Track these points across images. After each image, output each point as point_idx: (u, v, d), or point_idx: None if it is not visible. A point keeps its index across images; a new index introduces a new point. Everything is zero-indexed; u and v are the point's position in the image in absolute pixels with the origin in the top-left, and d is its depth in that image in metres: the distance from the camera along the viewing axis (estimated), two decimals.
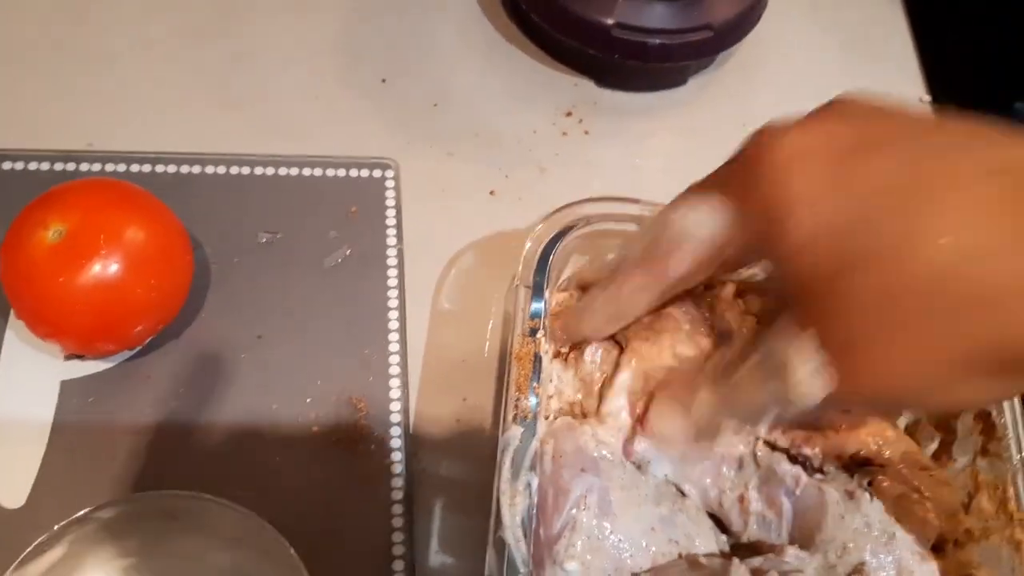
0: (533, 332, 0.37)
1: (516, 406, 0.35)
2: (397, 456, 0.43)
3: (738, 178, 0.30)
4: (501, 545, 0.33)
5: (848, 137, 0.28)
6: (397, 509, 0.42)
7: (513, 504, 0.33)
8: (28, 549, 0.34)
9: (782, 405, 0.30)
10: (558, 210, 0.40)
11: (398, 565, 0.40)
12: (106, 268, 0.38)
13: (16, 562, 0.34)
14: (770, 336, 0.30)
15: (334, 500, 0.41)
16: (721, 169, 0.32)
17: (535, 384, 0.36)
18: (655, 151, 0.55)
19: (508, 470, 0.34)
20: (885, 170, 0.27)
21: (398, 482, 0.42)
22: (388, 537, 0.41)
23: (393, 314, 0.46)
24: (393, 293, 0.47)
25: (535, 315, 0.37)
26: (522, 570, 0.32)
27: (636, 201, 0.40)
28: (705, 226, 0.32)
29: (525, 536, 0.33)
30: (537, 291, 0.37)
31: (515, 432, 0.35)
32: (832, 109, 0.30)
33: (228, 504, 0.36)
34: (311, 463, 0.42)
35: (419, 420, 0.44)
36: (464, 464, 0.43)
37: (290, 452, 0.42)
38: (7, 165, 0.47)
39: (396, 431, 0.43)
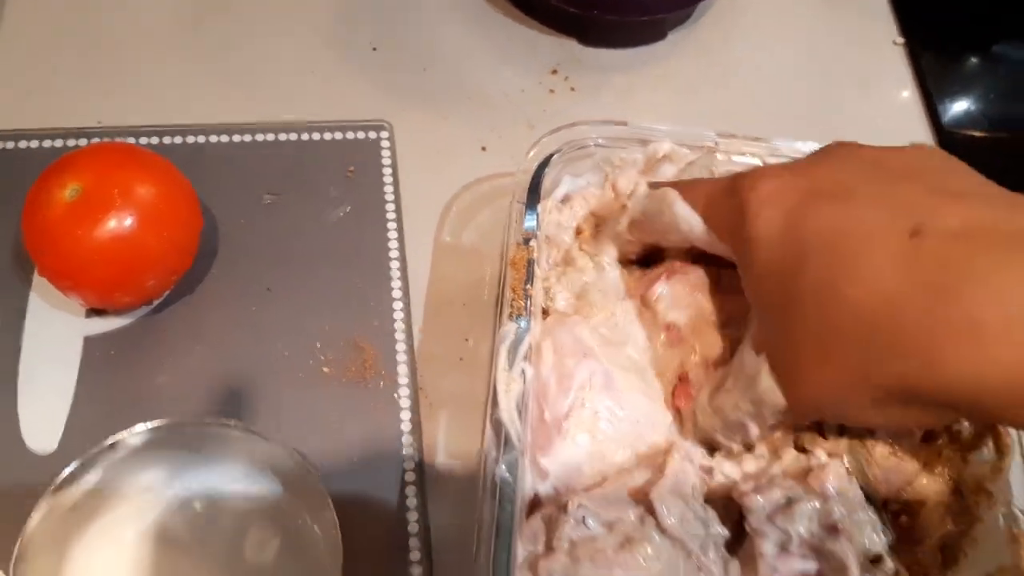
0: (526, 241, 0.39)
1: (511, 305, 0.38)
2: (405, 392, 0.45)
3: (724, 206, 0.35)
4: (498, 425, 0.36)
5: (816, 184, 0.33)
6: (407, 439, 0.44)
7: (509, 390, 0.36)
8: (63, 474, 0.36)
9: (758, 410, 0.34)
10: (550, 132, 0.43)
11: (409, 477, 0.43)
12: (121, 222, 0.40)
13: (51, 487, 0.36)
14: (742, 346, 0.35)
15: (347, 432, 0.44)
16: (714, 187, 0.37)
17: (528, 287, 0.38)
18: (639, 104, 0.58)
19: (504, 359, 0.37)
20: (832, 217, 0.31)
21: (406, 415, 0.44)
22: (400, 460, 0.43)
23: (395, 263, 0.49)
24: (393, 244, 0.49)
25: (528, 227, 0.40)
26: (516, 445, 0.35)
27: (623, 123, 0.43)
28: (695, 230, 0.37)
29: (519, 417, 0.35)
30: (531, 205, 0.40)
31: (510, 327, 0.37)
32: (818, 155, 0.35)
33: (256, 433, 0.38)
34: (323, 400, 0.44)
35: (423, 360, 0.46)
36: (467, 394, 0.45)
37: (303, 391, 0.44)
38: (23, 143, 0.50)
39: (403, 369, 0.46)
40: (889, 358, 0.29)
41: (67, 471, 0.37)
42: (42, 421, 0.43)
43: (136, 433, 0.38)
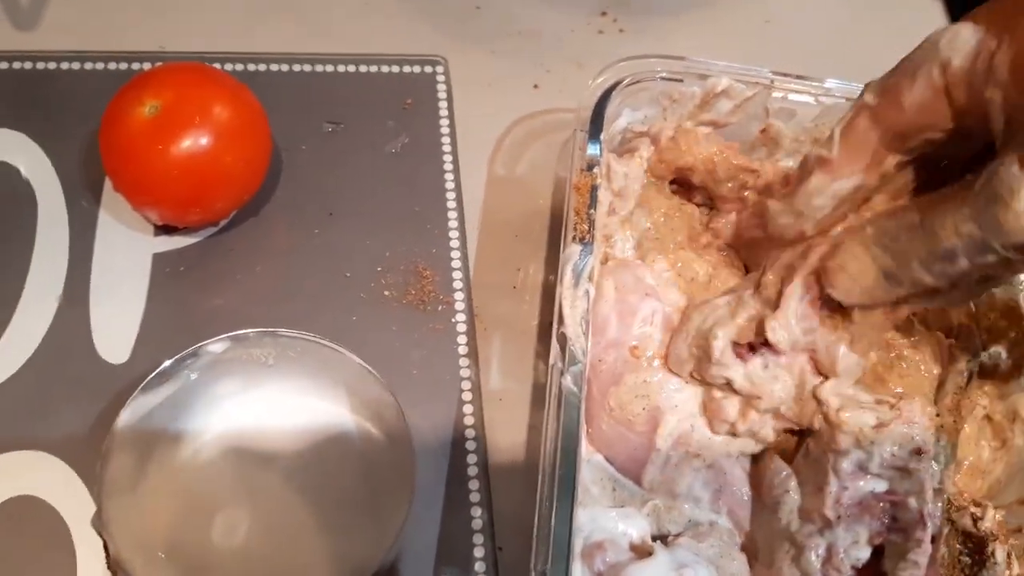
0: (590, 167, 0.41)
1: (575, 228, 0.39)
2: (461, 316, 0.47)
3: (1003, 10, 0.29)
4: (563, 339, 0.37)
5: None
6: (464, 362, 0.45)
7: (574, 306, 0.37)
8: (149, 376, 0.38)
9: (990, 239, 0.29)
10: (612, 63, 0.44)
11: (467, 396, 0.45)
12: (198, 139, 0.42)
13: (138, 388, 0.38)
14: (997, 160, 0.29)
15: (406, 352, 0.45)
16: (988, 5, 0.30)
17: (592, 211, 0.40)
18: (684, 46, 0.58)
19: (570, 278, 0.38)
20: None
21: (462, 339, 0.46)
22: (457, 380, 0.45)
23: (451, 194, 0.50)
24: (449, 175, 0.51)
25: (592, 154, 0.41)
26: (580, 358, 0.36)
27: (682, 59, 0.44)
28: (965, 45, 0.29)
29: (584, 332, 0.37)
30: (594, 135, 0.41)
31: (575, 249, 0.39)
32: None
33: (337, 348, 0.40)
34: (384, 322, 0.46)
35: (478, 286, 0.48)
36: (520, 322, 0.47)
37: (366, 311, 0.46)
38: (88, 65, 0.51)
39: (459, 295, 0.47)
40: None
41: (154, 373, 0.38)
42: (114, 333, 0.44)
43: (216, 341, 0.39)
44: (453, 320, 0.47)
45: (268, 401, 0.41)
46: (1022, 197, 0.27)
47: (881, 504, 0.36)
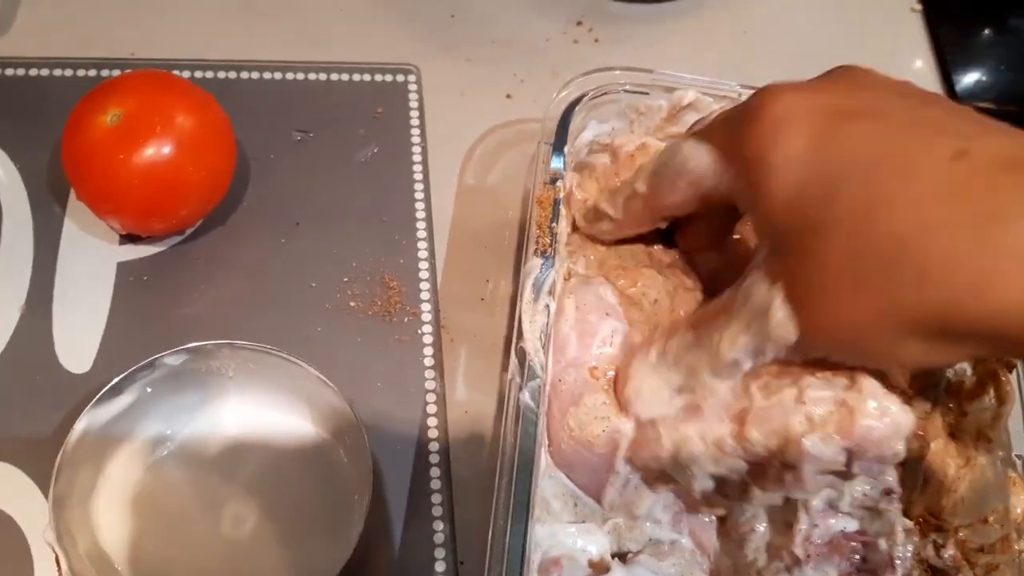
0: (553, 180, 0.40)
1: (537, 242, 0.39)
2: (428, 328, 0.46)
3: (737, 129, 0.32)
4: (522, 354, 0.37)
5: (840, 103, 0.30)
6: (429, 374, 0.45)
7: (533, 321, 0.37)
8: (103, 390, 0.38)
9: (762, 344, 0.32)
10: (579, 76, 0.44)
11: (431, 408, 0.44)
12: (160, 148, 0.41)
13: (92, 402, 0.38)
14: (749, 279, 0.33)
15: (371, 364, 0.45)
16: (727, 114, 0.34)
17: (553, 224, 0.39)
18: (661, 57, 0.58)
19: (529, 292, 0.38)
20: (865, 140, 0.29)
21: (428, 351, 0.46)
22: (422, 392, 0.45)
23: (420, 204, 0.50)
24: (419, 185, 0.50)
25: (555, 168, 0.41)
26: (539, 374, 0.36)
27: (649, 71, 0.44)
28: (702, 160, 0.34)
29: (543, 347, 0.37)
30: (558, 147, 0.41)
31: (535, 263, 0.39)
32: (832, 76, 0.33)
33: (293, 360, 0.40)
34: (349, 333, 0.46)
35: (446, 298, 0.48)
36: (488, 334, 0.47)
37: (331, 322, 0.46)
38: (57, 72, 0.51)
39: (426, 306, 0.47)
40: (930, 286, 0.27)
41: (108, 386, 0.38)
42: (76, 342, 0.44)
43: (174, 353, 0.39)
44: (419, 331, 0.46)
45: (227, 413, 0.41)
46: (776, 309, 0.31)
47: (851, 544, 0.36)
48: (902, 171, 0.28)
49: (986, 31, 0.66)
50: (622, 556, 0.38)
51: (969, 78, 0.62)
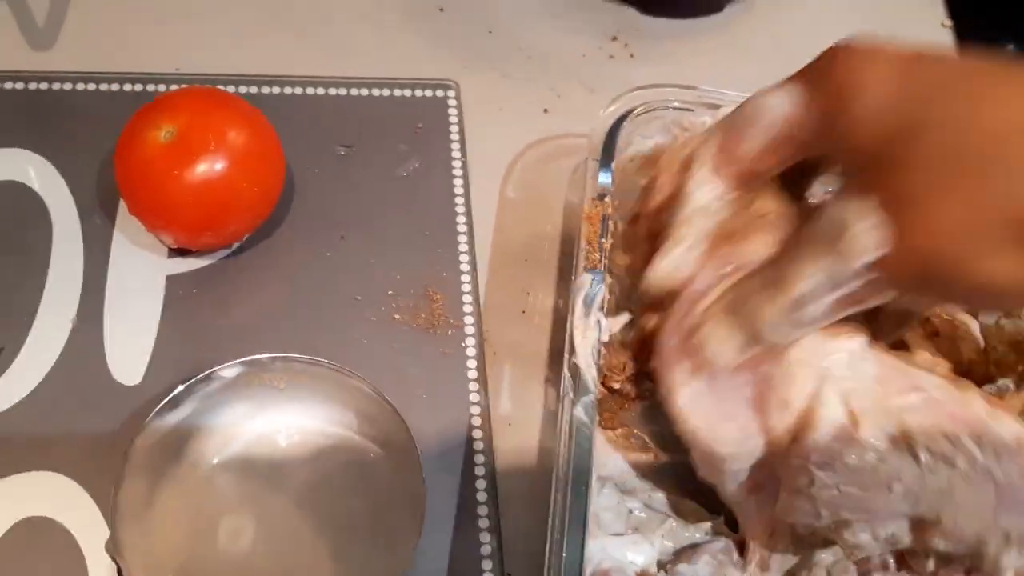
0: (601, 196, 0.41)
1: (587, 257, 0.40)
2: (471, 341, 0.47)
3: (815, 70, 0.34)
4: (575, 369, 0.38)
5: (913, 51, 0.31)
6: (473, 386, 0.46)
7: (585, 337, 0.38)
8: (163, 401, 0.38)
9: (837, 271, 0.31)
10: (625, 93, 0.44)
11: (476, 421, 0.45)
12: (213, 164, 0.42)
13: (152, 413, 0.38)
14: (828, 204, 0.32)
15: (416, 376, 0.45)
16: (800, 70, 0.35)
17: (603, 240, 0.40)
18: (696, 74, 0.58)
19: (580, 308, 0.39)
20: (950, 69, 0.30)
21: (472, 363, 0.46)
22: (466, 406, 0.45)
23: (461, 218, 0.51)
24: (460, 199, 0.51)
25: (603, 184, 0.41)
26: (592, 389, 0.37)
27: (694, 88, 0.44)
28: (779, 104, 0.34)
29: (594, 363, 0.37)
30: (605, 163, 0.42)
31: (586, 278, 0.39)
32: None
33: (347, 372, 0.40)
34: (394, 345, 0.46)
35: (488, 310, 0.48)
36: (530, 346, 0.47)
37: (376, 334, 0.46)
38: (104, 87, 0.52)
39: (469, 319, 0.48)
40: None
41: (167, 399, 0.39)
42: (128, 354, 0.45)
43: (229, 366, 0.40)
44: (463, 344, 0.47)
45: (279, 426, 0.42)
46: (864, 220, 0.30)
47: None
48: (997, 76, 0.29)
49: (1012, 47, 0.67)
50: (661, 564, 0.39)
51: None
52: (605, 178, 0.42)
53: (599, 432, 0.39)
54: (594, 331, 0.38)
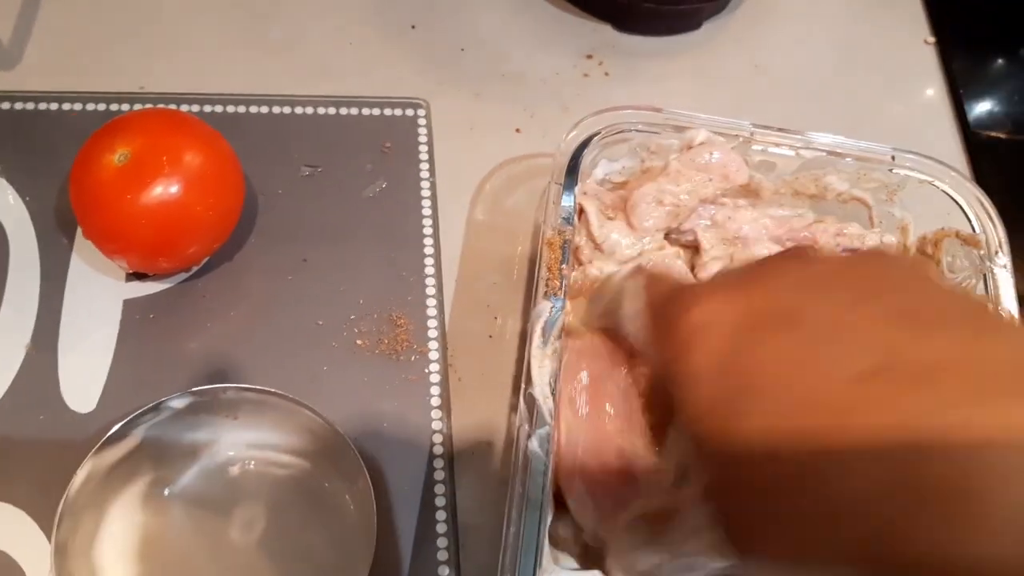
0: (565, 221, 0.40)
1: (547, 284, 0.39)
2: (435, 367, 0.46)
3: (661, 330, 0.31)
4: (531, 400, 0.37)
5: (757, 309, 0.29)
6: (436, 414, 0.45)
7: (542, 366, 0.37)
8: (108, 434, 0.38)
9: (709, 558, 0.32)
10: (591, 115, 0.43)
11: (438, 450, 0.44)
12: (168, 187, 0.41)
13: (96, 446, 0.38)
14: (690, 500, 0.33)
15: (378, 404, 0.44)
16: (659, 300, 0.33)
17: (563, 266, 0.39)
18: (671, 91, 0.58)
19: (539, 337, 0.38)
20: (775, 355, 0.27)
21: (436, 390, 0.45)
22: (429, 433, 0.44)
23: (428, 240, 0.50)
24: (427, 220, 0.50)
25: (566, 208, 0.40)
26: (548, 420, 0.36)
27: (658, 110, 0.43)
28: (640, 336, 0.34)
29: (552, 393, 0.36)
30: (568, 187, 0.41)
31: (544, 306, 0.38)
32: (765, 267, 0.31)
33: (296, 401, 0.39)
34: (356, 372, 0.45)
35: (454, 335, 0.47)
36: (496, 373, 0.46)
37: (338, 361, 0.45)
38: (67, 106, 0.51)
39: (434, 344, 0.47)
40: (851, 524, 0.25)
41: (112, 431, 0.38)
42: (82, 381, 0.44)
43: (178, 396, 0.39)
44: (427, 371, 0.46)
45: (231, 456, 0.41)
46: (713, 534, 0.29)
47: None
48: (811, 388, 0.26)
49: (1000, 62, 0.66)
50: None
51: (982, 108, 0.62)
52: (567, 201, 0.41)
53: None
54: (552, 360, 0.37)
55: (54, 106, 0.51)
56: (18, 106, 0.51)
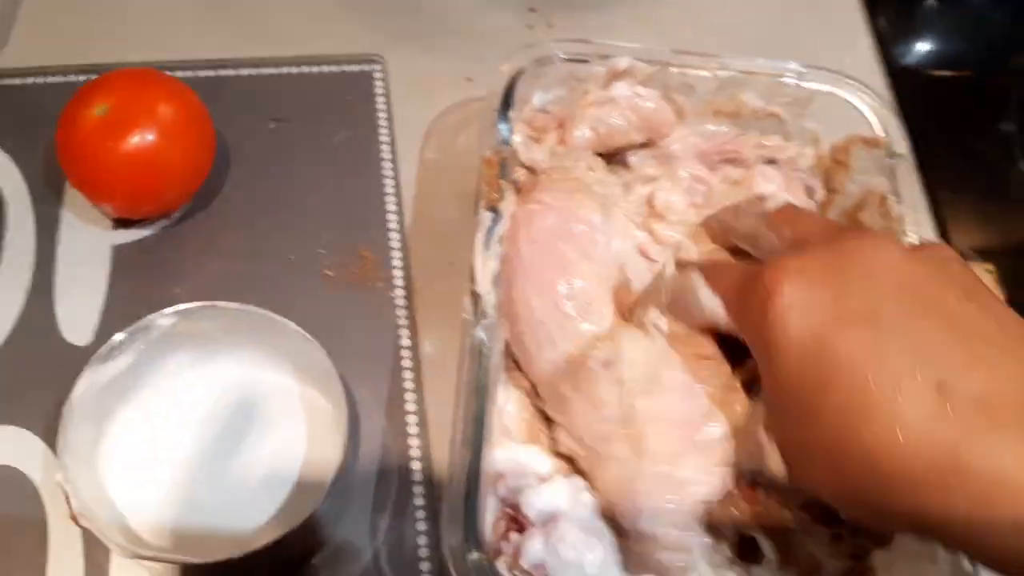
0: (503, 143, 0.45)
1: (486, 197, 0.43)
2: (400, 293, 0.51)
3: (747, 305, 0.35)
4: (475, 296, 0.41)
5: (842, 302, 0.33)
6: (403, 332, 0.49)
7: (485, 267, 0.41)
8: (102, 349, 0.42)
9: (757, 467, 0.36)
10: (520, 49, 0.48)
11: (406, 363, 0.48)
12: (145, 136, 0.46)
13: (92, 360, 0.42)
14: (754, 422, 0.37)
15: (349, 327, 0.49)
16: (740, 279, 0.37)
17: (502, 180, 0.43)
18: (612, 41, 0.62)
19: (481, 244, 0.42)
20: (857, 350, 0.31)
21: (402, 312, 0.50)
22: (396, 349, 0.49)
23: (389, 181, 0.54)
24: (387, 164, 0.55)
25: (501, 130, 0.45)
26: (490, 314, 0.40)
27: (589, 42, 0.48)
28: (717, 314, 0.38)
29: (494, 288, 0.41)
30: (503, 114, 0.45)
31: (485, 216, 0.43)
32: (843, 255, 0.34)
33: (273, 315, 0.44)
34: (327, 298, 0.50)
35: (417, 264, 0.52)
36: (457, 295, 0.50)
37: (310, 292, 0.50)
38: (51, 79, 0.56)
39: (399, 273, 0.51)
40: (899, 496, 0.30)
41: (104, 347, 0.42)
42: (78, 318, 0.48)
43: (166, 314, 0.43)
44: (392, 295, 0.50)
45: (218, 371, 0.45)
46: (771, 460, 0.35)
47: None
48: (884, 390, 0.31)
49: (928, 1, 0.70)
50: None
51: (910, 45, 0.66)
52: (503, 126, 0.45)
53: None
54: (493, 262, 0.42)
55: (40, 80, 0.56)
56: (6, 81, 0.55)
